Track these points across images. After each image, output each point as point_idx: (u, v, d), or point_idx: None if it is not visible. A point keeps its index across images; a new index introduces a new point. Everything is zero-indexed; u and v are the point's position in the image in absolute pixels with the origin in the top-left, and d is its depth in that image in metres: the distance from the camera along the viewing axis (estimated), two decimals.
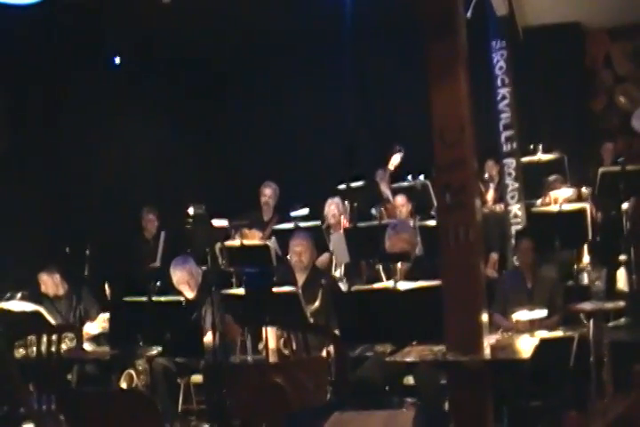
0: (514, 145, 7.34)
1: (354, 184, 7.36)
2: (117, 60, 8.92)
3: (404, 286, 4.31)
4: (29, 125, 7.92)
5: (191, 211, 6.08)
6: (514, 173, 7.34)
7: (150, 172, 9.22)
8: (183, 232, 6.83)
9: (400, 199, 7.66)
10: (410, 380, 5.22)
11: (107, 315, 6.00)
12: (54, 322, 5.97)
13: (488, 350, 3.80)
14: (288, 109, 9.87)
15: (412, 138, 8.06)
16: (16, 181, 7.54)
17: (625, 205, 6.57)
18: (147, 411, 3.43)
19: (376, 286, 4.76)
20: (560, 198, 6.64)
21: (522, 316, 5.31)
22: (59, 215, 7.89)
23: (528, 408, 5.11)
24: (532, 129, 8.13)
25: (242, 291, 5.23)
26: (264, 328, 5.35)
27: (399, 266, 4.82)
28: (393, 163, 8.12)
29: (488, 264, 7.16)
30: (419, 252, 6.08)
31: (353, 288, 5.34)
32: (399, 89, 9.15)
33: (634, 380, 2.94)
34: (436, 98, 3.91)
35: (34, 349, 5.31)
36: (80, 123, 8.29)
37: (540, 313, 5.32)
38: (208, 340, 5.27)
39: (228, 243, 6.82)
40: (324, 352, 5.29)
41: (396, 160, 8.12)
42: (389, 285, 4.43)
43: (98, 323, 6.28)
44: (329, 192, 7.66)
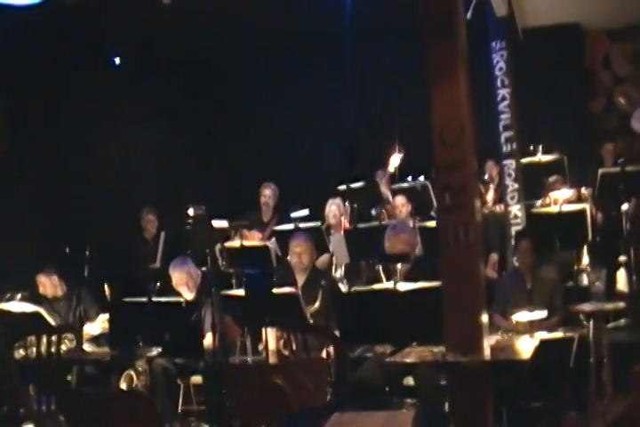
0: (513, 146, 7.34)
1: (354, 185, 7.36)
2: (117, 61, 8.91)
3: (403, 286, 4.31)
4: (29, 126, 7.92)
5: (191, 212, 6.10)
6: (514, 173, 7.33)
7: (150, 172, 9.22)
8: (183, 233, 6.84)
9: (400, 199, 7.65)
10: (410, 381, 5.22)
11: (107, 315, 5.99)
12: (54, 323, 5.97)
13: (488, 351, 3.80)
14: (288, 110, 9.87)
15: (412, 139, 8.06)
16: (16, 181, 7.54)
17: (625, 206, 6.57)
18: (146, 412, 3.42)
19: (376, 286, 4.76)
20: (560, 199, 6.63)
21: (522, 317, 5.31)
22: (58, 216, 7.88)
23: (528, 409, 5.11)
24: (532, 130, 8.12)
25: (242, 292, 5.24)
26: (264, 329, 5.36)
27: (399, 267, 4.82)
28: (393, 164, 8.11)
29: (488, 265, 7.16)
30: (418, 252, 6.08)
31: (353, 289, 5.34)
32: (399, 90, 9.15)
33: (633, 381, 2.94)
34: (436, 99, 3.92)
35: (34, 349, 5.30)
36: (80, 123, 8.28)
37: (540, 314, 5.32)
38: (208, 341, 5.27)
39: (227, 244, 6.82)
40: (323, 353, 5.29)
41: (395, 161, 8.10)
42: (389, 285, 4.44)
43: (98, 323, 6.27)
44: (329, 193, 7.65)
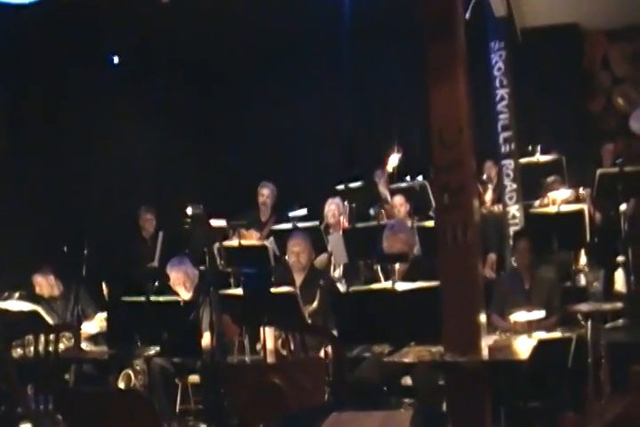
0: (512, 146, 7.33)
1: (352, 184, 7.35)
2: (116, 60, 8.90)
3: (402, 286, 4.32)
4: (27, 124, 7.91)
5: (189, 211, 6.09)
6: (512, 173, 7.33)
7: (148, 171, 9.21)
8: (181, 232, 6.84)
9: (398, 199, 7.65)
10: (408, 380, 5.22)
11: (104, 314, 5.97)
12: (52, 322, 5.96)
13: (486, 351, 3.81)
14: (287, 110, 9.86)
15: (411, 138, 8.07)
16: (14, 180, 7.53)
17: (623, 207, 6.57)
18: (144, 411, 3.42)
19: (374, 286, 4.76)
20: (558, 199, 6.64)
21: (520, 317, 5.31)
22: (56, 215, 7.87)
23: (526, 409, 5.11)
24: (531, 130, 8.13)
25: (240, 291, 5.23)
26: (262, 328, 5.36)
27: (397, 267, 4.82)
28: (391, 163, 8.11)
29: (486, 265, 7.15)
30: (417, 252, 6.08)
31: (351, 289, 5.33)
32: (398, 90, 9.15)
33: (631, 381, 2.94)
34: (435, 98, 3.92)
35: (31, 348, 5.30)
36: (78, 122, 8.28)
37: (538, 314, 5.32)
38: (206, 340, 5.27)
39: (226, 243, 6.81)
40: (321, 353, 5.27)
41: (394, 161, 8.10)
42: (387, 285, 4.44)
43: (96, 322, 6.26)
44: (327, 192, 7.65)
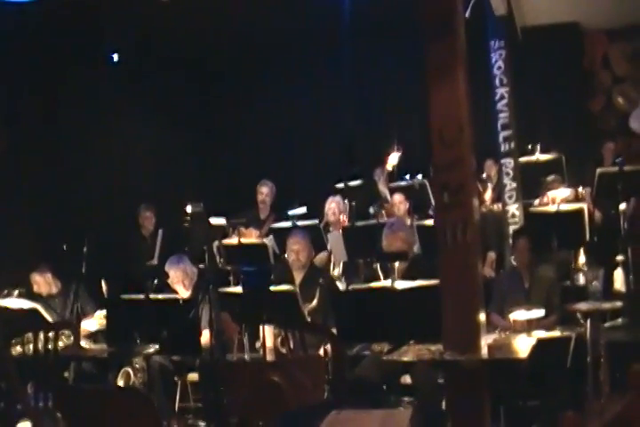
0: (512, 145, 7.33)
1: (352, 183, 7.36)
2: (116, 58, 8.90)
3: (401, 285, 4.32)
4: (27, 123, 7.90)
5: (189, 209, 6.09)
6: (512, 172, 7.33)
7: (148, 169, 9.21)
8: (181, 230, 6.84)
9: (398, 197, 7.65)
10: (407, 379, 5.22)
11: (104, 310, 5.97)
12: (51, 320, 5.96)
13: (485, 350, 3.81)
14: (286, 108, 9.86)
15: (411, 137, 8.06)
16: (14, 178, 7.52)
17: (622, 206, 6.58)
18: (144, 409, 3.42)
19: (374, 284, 4.77)
20: (558, 198, 6.63)
21: (519, 315, 5.31)
22: (56, 213, 7.87)
23: (525, 408, 5.12)
24: (530, 129, 8.12)
25: (239, 289, 5.23)
26: (261, 326, 5.36)
27: (397, 265, 4.82)
28: (391, 162, 8.11)
29: (485, 264, 7.15)
30: (416, 251, 6.09)
31: (350, 287, 5.35)
32: (398, 88, 9.14)
33: (630, 380, 2.94)
34: (435, 97, 3.92)
35: (31, 346, 5.30)
36: (78, 120, 8.27)
37: (538, 313, 5.32)
38: (205, 338, 5.27)
39: (225, 241, 6.81)
40: (321, 351, 5.27)
41: (394, 159, 8.10)
42: (387, 284, 4.45)
43: (96, 319, 6.26)
44: (327, 191, 7.65)
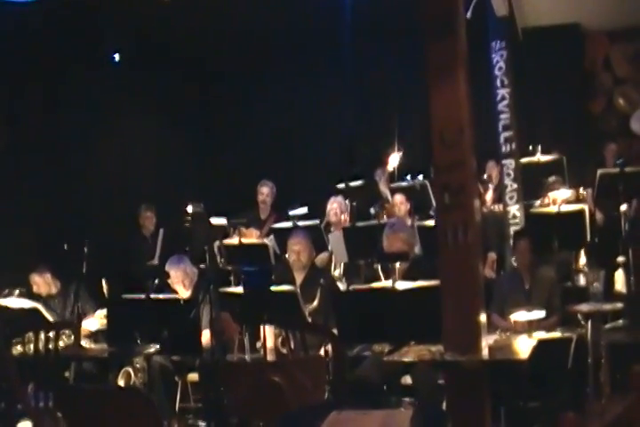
0: (513, 146, 7.32)
1: (353, 183, 7.36)
2: (117, 58, 8.90)
3: (402, 285, 4.32)
4: (27, 122, 7.91)
5: (189, 209, 6.09)
6: (513, 173, 7.32)
7: (149, 169, 9.21)
8: (181, 230, 6.84)
9: (399, 197, 7.65)
10: (408, 379, 5.22)
11: (105, 310, 5.96)
12: (51, 320, 5.96)
13: (486, 351, 3.81)
14: (287, 108, 9.86)
15: (412, 138, 8.07)
16: (14, 178, 7.53)
17: (623, 207, 6.57)
18: (144, 409, 3.42)
19: (374, 285, 4.76)
20: (559, 199, 6.64)
21: (520, 316, 5.30)
22: (56, 213, 7.87)
23: (525, 409, 5.11)
24: (532, 130, 8.12)
25: (240, 289, 5.23)
26: (262, 327, 5.36)
27: (398, 266, 4.82)
28: (392, 163, 8.11)
29: (486, 264, 7.15)
30: (417, 251, 6.08)
31: (351, 288, 5.34)
32: (398, 89, 9.14)
33: (631, 381, 2.94)
34: (436, 98, 3.92)
35: (31, 346, 5.30)
36: (78, 120, 8.28)
37: (538, 314, 5.31)
38: (206, 338, 5.27)
39: (226, 241, 6.81)
40: (322, 351, 5.28)
41: (395, 160, 8.10)
42: (388, 284, 4.44)
43: (97, 319, 6.25)
44: (327, 191, 7.65)
